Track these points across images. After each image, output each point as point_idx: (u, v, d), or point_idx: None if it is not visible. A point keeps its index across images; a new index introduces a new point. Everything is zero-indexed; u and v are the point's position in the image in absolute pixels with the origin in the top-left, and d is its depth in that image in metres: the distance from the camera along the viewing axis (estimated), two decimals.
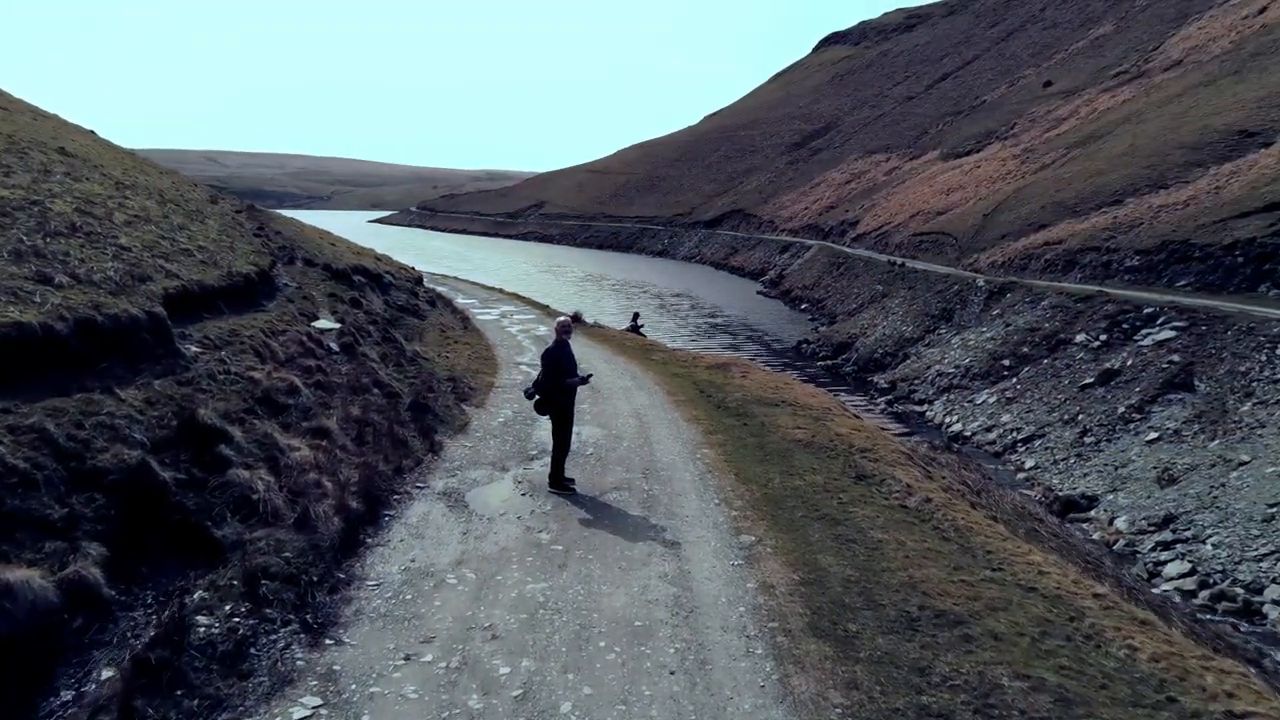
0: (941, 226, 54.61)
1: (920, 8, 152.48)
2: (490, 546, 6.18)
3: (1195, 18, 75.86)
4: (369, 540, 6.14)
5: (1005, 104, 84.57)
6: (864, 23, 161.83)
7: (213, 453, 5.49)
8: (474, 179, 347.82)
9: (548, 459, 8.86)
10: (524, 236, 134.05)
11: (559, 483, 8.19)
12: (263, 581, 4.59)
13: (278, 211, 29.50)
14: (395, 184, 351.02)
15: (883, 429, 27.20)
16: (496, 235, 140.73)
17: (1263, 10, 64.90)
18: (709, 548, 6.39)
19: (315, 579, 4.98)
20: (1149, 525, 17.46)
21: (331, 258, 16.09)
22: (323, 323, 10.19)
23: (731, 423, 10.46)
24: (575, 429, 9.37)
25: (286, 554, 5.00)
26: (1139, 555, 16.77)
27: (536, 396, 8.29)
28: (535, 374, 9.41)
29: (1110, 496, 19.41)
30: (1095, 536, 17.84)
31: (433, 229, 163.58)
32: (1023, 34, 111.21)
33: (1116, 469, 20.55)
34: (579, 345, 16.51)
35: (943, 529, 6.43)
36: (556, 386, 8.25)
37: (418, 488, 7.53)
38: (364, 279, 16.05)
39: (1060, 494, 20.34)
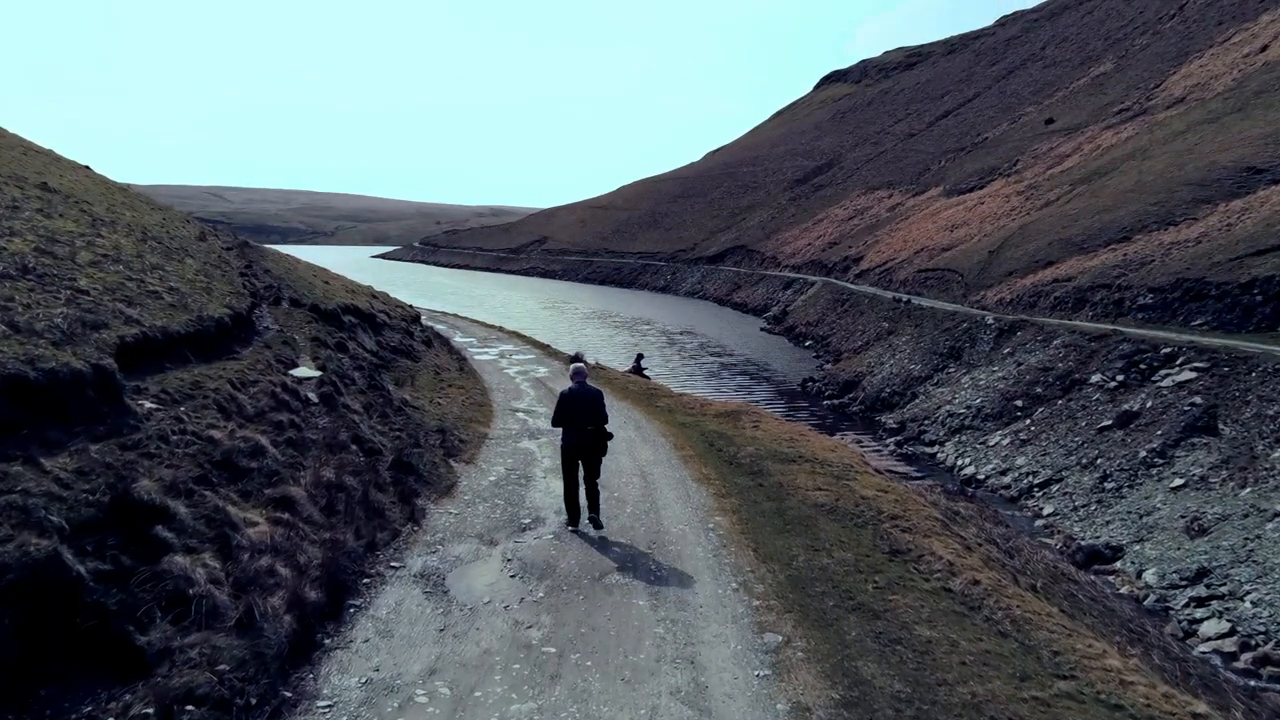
0: (946, 263, 54.14)
1: (920, 46, 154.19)
2: (471, 648, 5.21)
3: (1196, 56, 76.25)
4: (328, 641, 5.19)
5: (1007, 141, 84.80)
6: (864, 61, 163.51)
7: (148, 535, 4.66)
8: (477, 215, 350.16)
9: (541, 529, 8.04)
10: (526, 272, 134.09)
11: (597, 512, 8.34)
12: (186, 708, 3.74)
13: (274, 248, 28.95)
14: (399, 219, 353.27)
15: (892, 471, 26.30)
16: (499, 271, 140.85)
17: (1264, 49, 65.14)
18: (728, 650, 5.41)
19: (253, 700, 4.10)
20: (1180, 580, 16.48)
21: (321, 297, 15.38)
22: (302, 370, 9.41)
23: (745, 483, 9.55)
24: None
25: (222, 666, 4.15)
26: (1172, 612, 15.78)
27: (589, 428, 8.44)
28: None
29: (1136, 547, 18.45)
30: (1123, 590, 16.87)
31: (436, 264, 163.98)
32: (1023, 72, 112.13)
33: (1141, 517, 19.61)
34: None
35: (997, 621, 5.54)
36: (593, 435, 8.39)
37: (392, 568, 6.57)
38: (355, 319, 15.31)
39: (1083, 543, 19.37)
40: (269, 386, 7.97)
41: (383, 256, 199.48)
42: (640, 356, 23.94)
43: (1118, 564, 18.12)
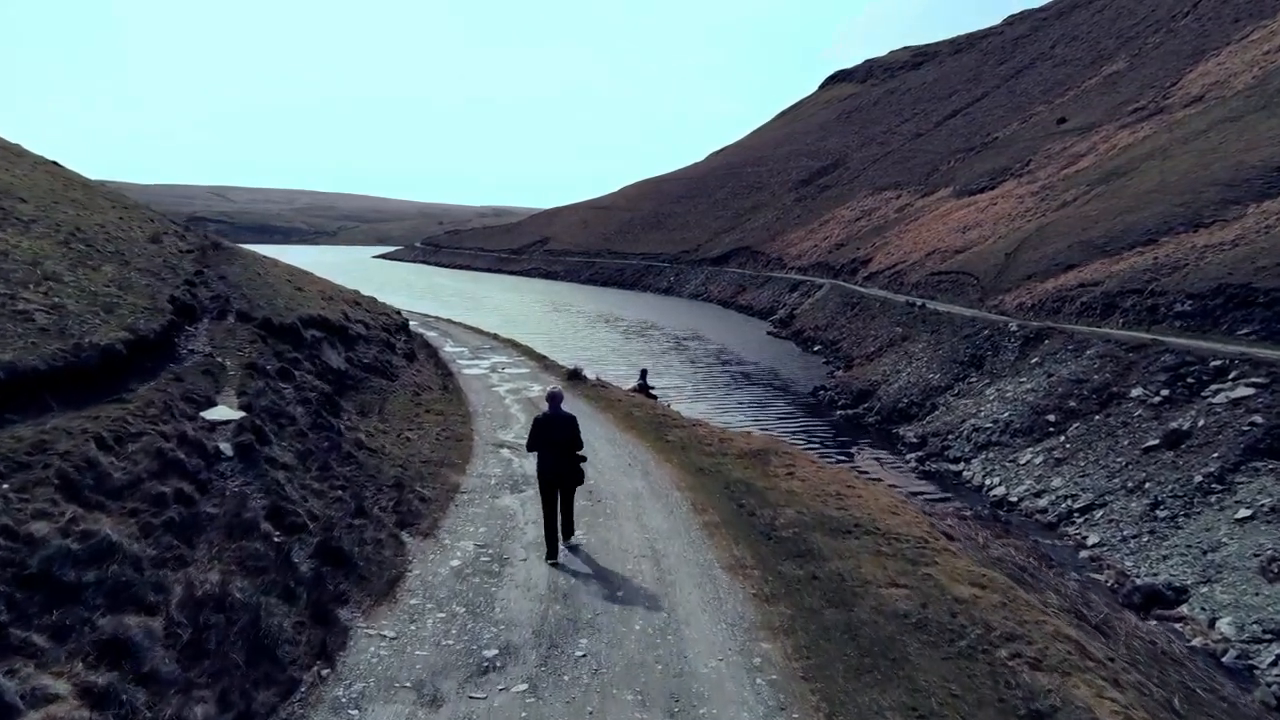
0: (960, 265, 52.29)
1: (927, 46, 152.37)
2: None
3: (1212, 54, 74.37)
4: None
5: (1018, 141, 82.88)
6: (870, 61, 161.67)
7: None
8: (480, 215, 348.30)
9: (512, 666, 5.75)
10: (528, 273, 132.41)
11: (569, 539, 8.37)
12: None
13: (255, 249, 27.01)
14: (401, 220, 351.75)
15: (917, 493, 24.25)
16: (500, 271, 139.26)
17: None
18: None
19: None
20: (1264, 633, 14.45)
21: (282, 308, 13.41)
22: (218, 411, 7.40)
23: (793, 572, 7.18)
24: (563, 581, 7.43)
25: None
26: (1258, 671, 13.78)
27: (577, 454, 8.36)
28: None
29: (1204, 589, 16.42)
30: (1195, 642, 14.85)
31: (438, 265, 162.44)
32: (1033, 71, 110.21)
33: (1204, 553, 17.57)
34: (574, 413, 13.34)
35: None
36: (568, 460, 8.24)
37: None
38: (319, 334, 13.33)
39: (1138, 582, 17.36)
40: (156, 440, 5.98)
41: (384, 256, 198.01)
42: (645, 373, 21.95)
43: (1183, 608, 16.10)
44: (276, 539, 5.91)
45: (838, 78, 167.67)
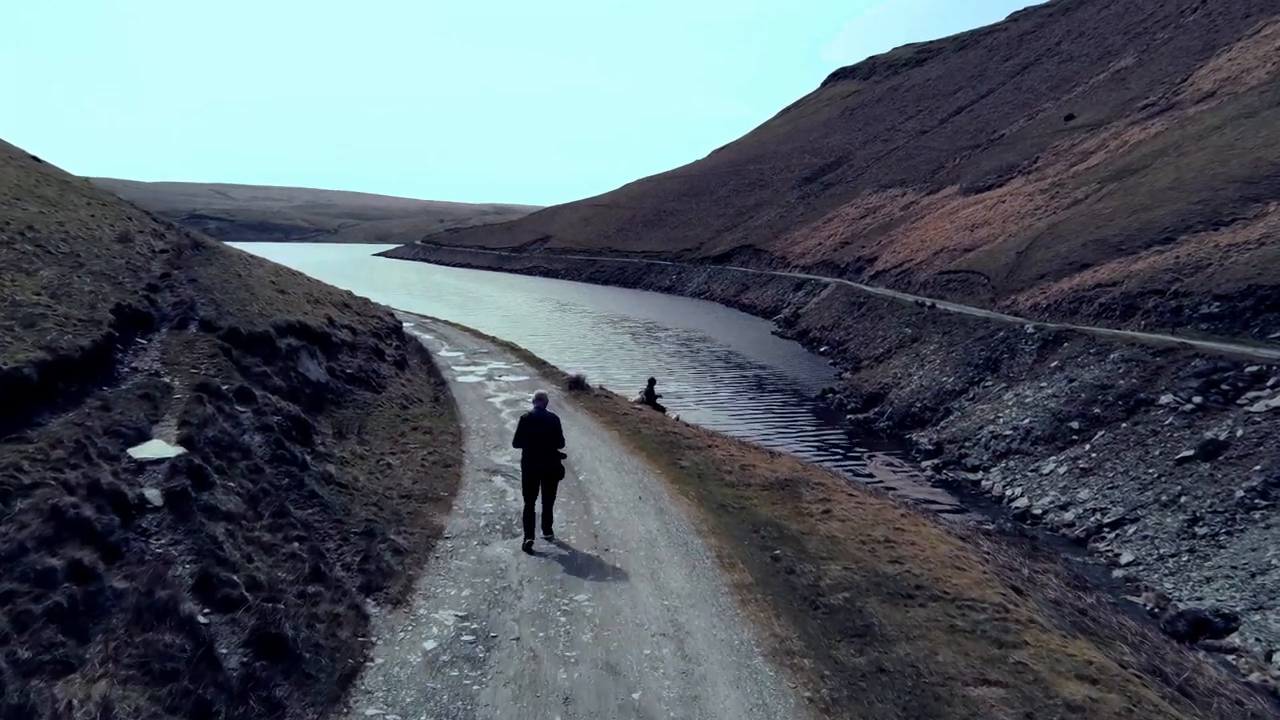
0: (970, 264, 51.12)
1: (930, 43, 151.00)
2: None
3: (1224, 49, 73.18)
4: None
5: (1025, 137, 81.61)
6: (873, 58, 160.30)
7: None
8: (480, 213, 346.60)
9: None
10: (529, 271, 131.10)
11: (549, 529, 8.85)
12: None
13: (242, 247, 25.85)
14: (402, 218, 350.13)
15: (931, 502, 23.03)
16: (500, 269, 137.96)
17: None
18: None
19: None
20: None
21: (255, 314, 12.21)
22: (152, 447, 6.15)
23: (854, 663, 5.69)
24: (563, 676, 6.25)
25: None
26: None
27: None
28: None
29: (1255, 616, 15.22)
30: (1251, 677, 13.68)
31: (438, 263, 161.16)
32: (1038, 67, 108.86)
33: (1253, 576, 16.38)
34: (576, 430, 12.24)
35: None
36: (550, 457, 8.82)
37: None
38: (297, 343, 12.12)
39: (1181, 607, 16.16)
40: (54, 494, 4.77)
41: (384, 254, 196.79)
42: (652, 382, 20.70)
43: (1234, 638, 14.89)
44: (202, 621, 4.62)
45: (840, 75, 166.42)
